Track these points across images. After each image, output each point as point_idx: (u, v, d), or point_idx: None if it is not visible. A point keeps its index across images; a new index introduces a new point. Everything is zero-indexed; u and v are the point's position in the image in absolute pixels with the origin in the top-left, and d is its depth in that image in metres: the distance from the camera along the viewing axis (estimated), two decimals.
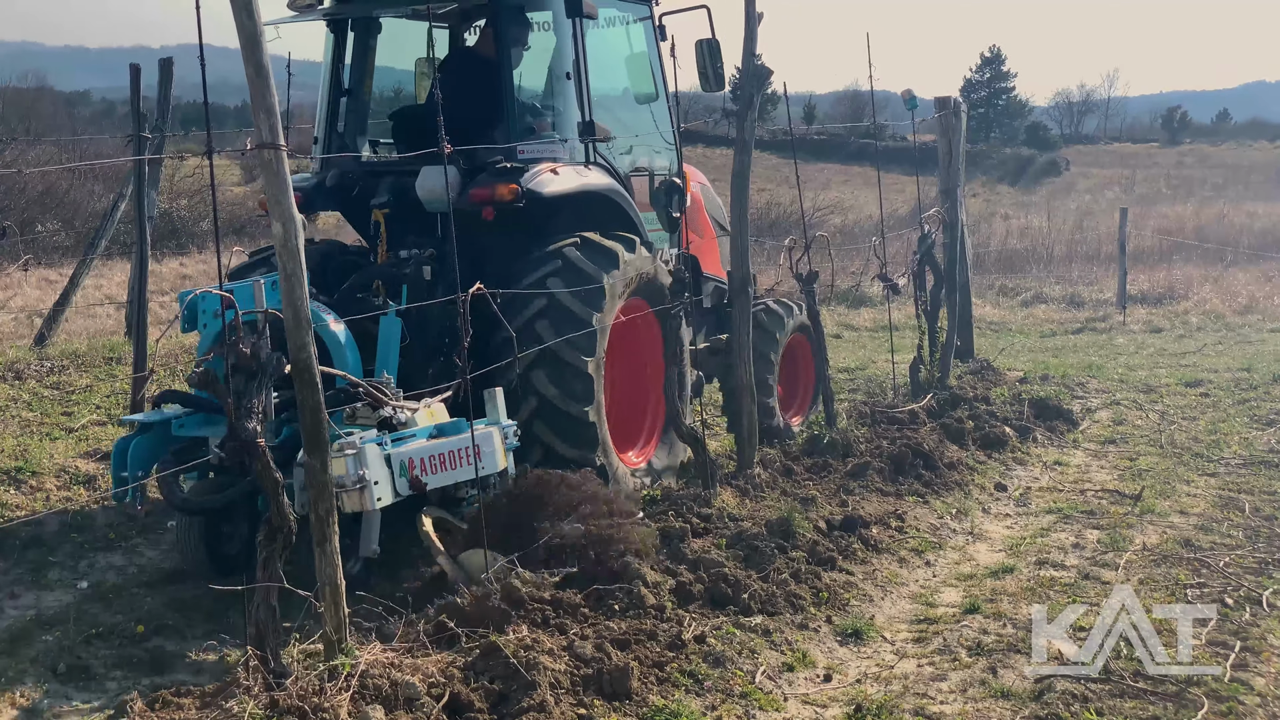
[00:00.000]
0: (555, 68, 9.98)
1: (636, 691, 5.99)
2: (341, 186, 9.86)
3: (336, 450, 6.68)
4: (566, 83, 9.82)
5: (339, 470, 6.70)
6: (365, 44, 10.40)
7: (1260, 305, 23.18)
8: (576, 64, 9.81)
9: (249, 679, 5.49)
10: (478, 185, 9.06)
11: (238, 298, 6.37)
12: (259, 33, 5.22)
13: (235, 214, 36.00)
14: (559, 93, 9.94)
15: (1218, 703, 6.17)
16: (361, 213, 9.74)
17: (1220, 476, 10.84)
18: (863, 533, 8.69)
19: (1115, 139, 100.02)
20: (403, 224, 9.49)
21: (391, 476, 7.13)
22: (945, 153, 15.33)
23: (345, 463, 6.81)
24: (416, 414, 7.60)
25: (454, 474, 7.50)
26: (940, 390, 13.13)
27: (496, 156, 9.25)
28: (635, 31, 11.02)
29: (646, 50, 11.03)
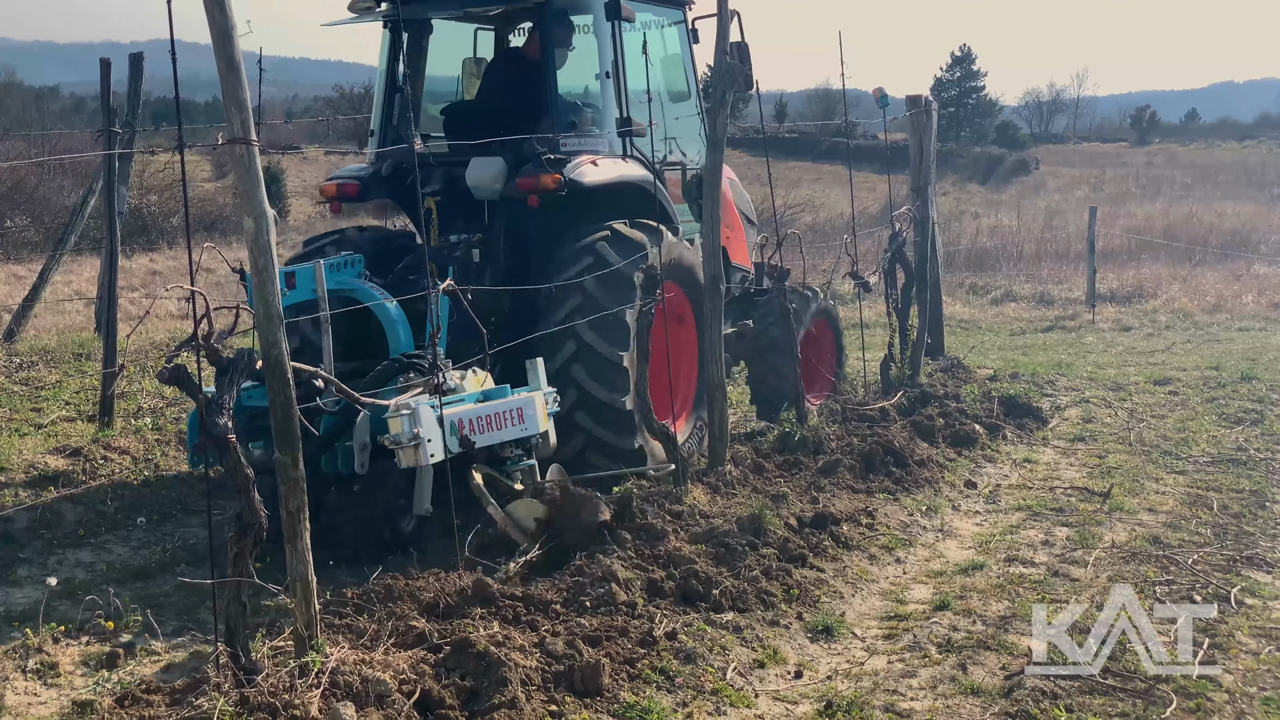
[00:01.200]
0: (595, 67, 10.68)
1: (608, 688, 6.00)
2: (395, 176, 10.47)
3: (393, 411, 7.55)
4: (606, 81, 10.55)
5: (395, 429, 7.56)
6: (418, 44, 11.09)
7: (1228, 304, 23.29)
8: (615, 64, 10.52)
9: (219, 676, 5.48)
10: (524, 175, 9.74)
11: (299, 279, 8.35)
12: (230, 27, 5.19)
13: (206, 210, 35.92)
14: (598, 91, 10.70)
15: (1187, 699, 6.20)
16: (413, 200, 10.00)
17: (1189, 474, 10.90)
18: (834, 530, 8.71)
19: (1085, 138, 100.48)
20: (452, 211, 10.29)
21: (443, 435, 7.75)
22: (916, 151, 15.36)
23: (401, 422, 7.56)
24: (465, 381, 8.41)
25: (500, 434, 8.20)
26: (911, 388, 13.17)
27: (541, 149, 9.89)
28: (669, 34, 11.81)
29: (680, 52, 11.89)
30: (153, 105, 32.92)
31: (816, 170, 58.25)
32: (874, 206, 35.10)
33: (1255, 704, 6.20)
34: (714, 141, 9.75)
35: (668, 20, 11.76)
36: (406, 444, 7.58)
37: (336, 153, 57.56)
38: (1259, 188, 53.34)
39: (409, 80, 10.87)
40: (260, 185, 5.41)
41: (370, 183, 10.49)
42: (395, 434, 7.60)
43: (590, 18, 10.68)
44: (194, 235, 25.41)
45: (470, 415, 8.01)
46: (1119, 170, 68.15)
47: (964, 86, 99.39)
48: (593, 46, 10.71)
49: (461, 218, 10.29)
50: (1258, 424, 12.73)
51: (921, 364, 14.13)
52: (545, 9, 10.41)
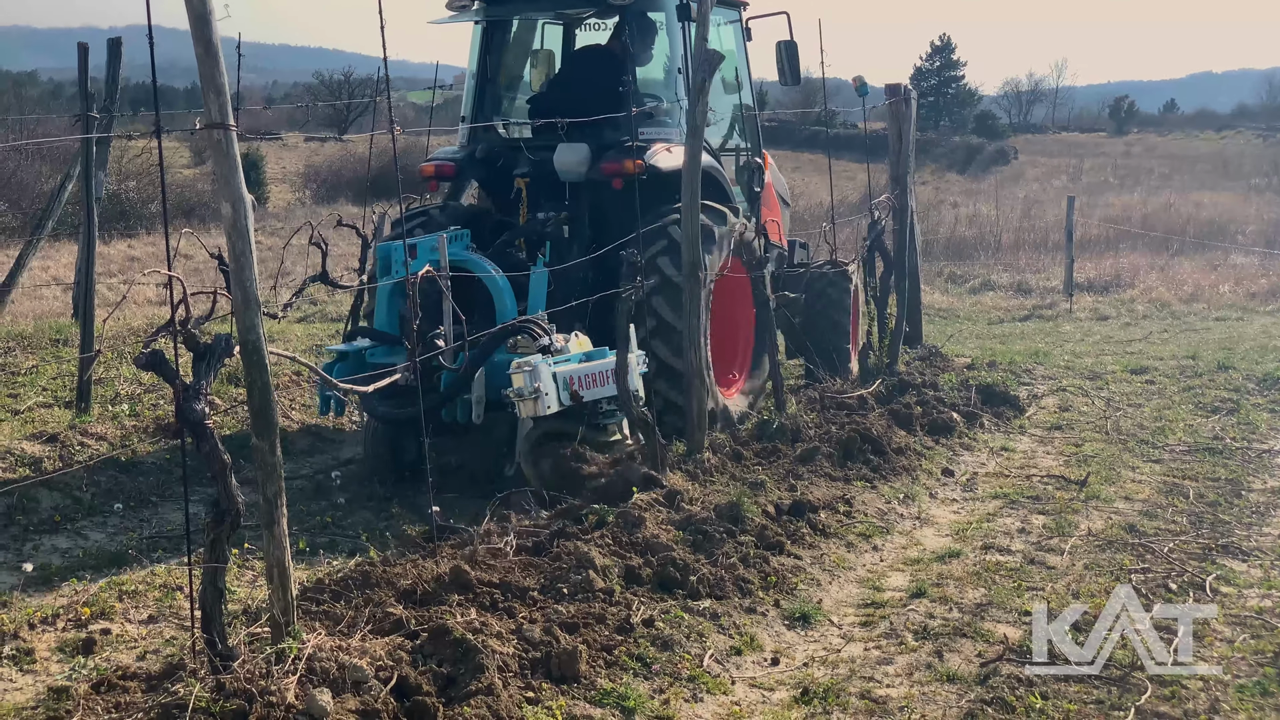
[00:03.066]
0: (668, 63, 11.87)
1: (585, 674, 6.01)
2: (487, 159, 11.67)
3: (515, 368, 8.93)
4: (677, 76, 11.58)
5: (518, 383, 8.91)
6: (504, 39, 12.30)
7: (1205, 293, 23.36)
8: (685, 60, 11.30)
9: (195, 662, 5.47)
10: (608, 160, 10.88)
11: (420, 250, 9.63)
12: (208, 11, 5.17)
13: (185, 195, 35.77)
14: (670, 84, 11.86)
15: (1161, 686, 6.23)
16: (500, 181, 11.69)
17: (1165, 463, 10.94)
18: (811, 517, 8.73)
19: (1063, 128, 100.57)
20: (539, 191, 11.43)
21: (557, 390, 9.06)
22: (895, 140, 15.38)
23: (524, 377, 8.90)
24: (569, 343, 9.53)
25: (602, 390, 9.38)
26: (889, 376, 13.20)
27: (623, 136, 10.81)
28: (725, 32, 12.70)
29: (735, 48, 12.81)
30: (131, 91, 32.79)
31: (796, 159, 58.17)
32: (854, 195, 35.13)
33: (1230, 692, 6.23)
34: (693, 129, 9.74)
35: (724, 19, 12.61)
36: (528, 396, 8.90)
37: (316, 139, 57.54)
38: (1236, 178, 53.50)
39: (498, 71, 12.16)
40: (238, 170, 5.39)
41: (465, 164, 11.66)
42: (518, 388, 8.93)
43: (663, 16, 11.71)
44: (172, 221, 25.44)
45: (578, 373, 9.23)
46: (1097, 160, 68.25)
47: (943, 76, 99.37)
48: (665, 44, 11.85)
49: (547, 197, 11.39)
50: (1234, 413, 12.78)
51: (900, 352, 14.17)
52: (628, 11, 11.49)
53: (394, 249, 10.12)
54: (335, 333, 16.12)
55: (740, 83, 13.04)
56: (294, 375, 13.07)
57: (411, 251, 9.68)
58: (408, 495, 9.83)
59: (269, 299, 15.03)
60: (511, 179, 11.55)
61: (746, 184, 12.71)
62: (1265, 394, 13.72)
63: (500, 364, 9.38)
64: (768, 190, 13.27)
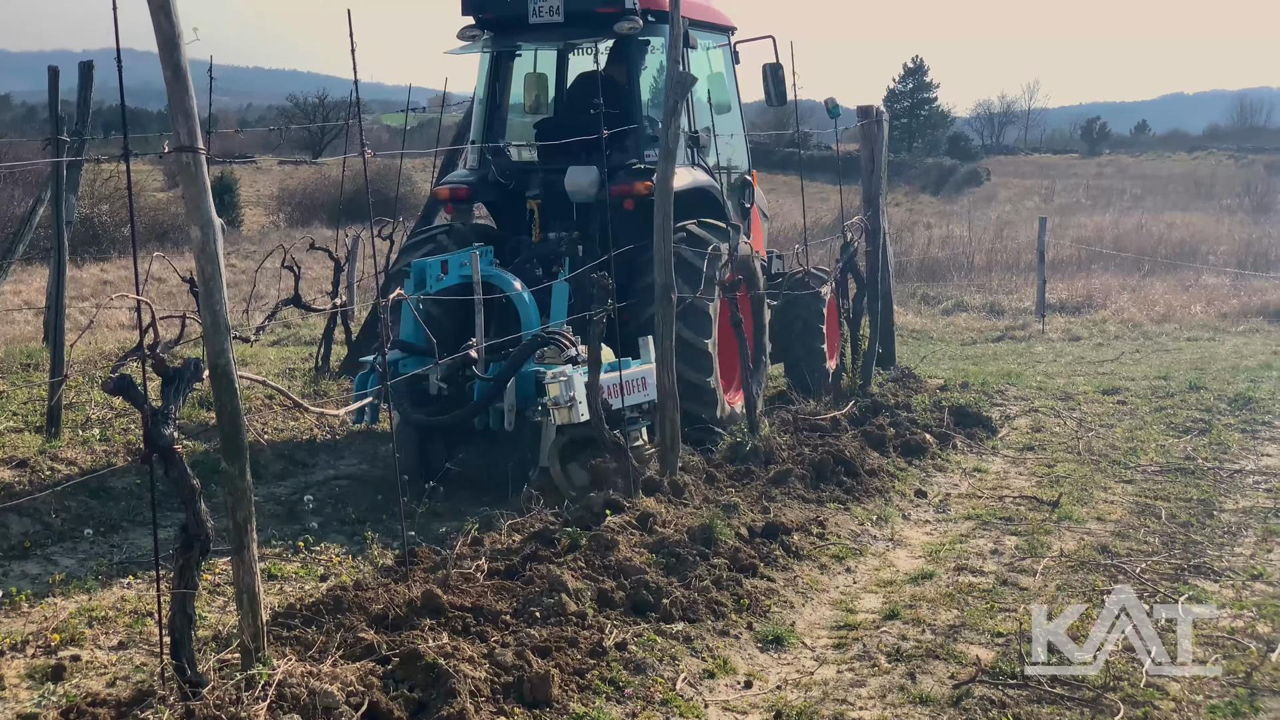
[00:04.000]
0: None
1: (557, 699, 5.99)
2: (499, 182, 12.24)
3: (552, 378, 9.54)
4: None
5: (554, 392, 9.50)
6: (508, 67, 12.98)
7: (1177, 314, 23.44)
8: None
9: (164, 688, 5.44)
10: (618, 183, 11.40)
11: (451, 265, 10.54)
12: (176, 34, 5.16)
13: (158, 219, 35.65)
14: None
15: (1134, 708, 6.24)
16: (510, 202, 12.27)
17: (1137, 483, 10.97)
18: (784, 539, 8.72)
19: (1035, 149, 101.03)
20: (550, 212, 12.00)
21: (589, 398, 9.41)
22: (868, 161, 15.41)
23: (559, 387, 9.49)
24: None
25: (629, 398, 10.07)
26: (862, 397, 13.21)
27: (630, 159, 11.69)
28: (715, 55, 13.56)
29: (724, 70, 13.68)
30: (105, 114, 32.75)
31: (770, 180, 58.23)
32: (828, 217, 35.20)
33: (1202, 712, 6.25)
34: (665, 152, 9.75)
35: (714, 43, 13.46)
36: (563, 405, 9.50)
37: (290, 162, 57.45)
38: (1208, 198, 53.73)
39: (504, 97, 12.87)
40: (207, 194, 5.38)
41: (478, 186, 12.30)
42: (554, 396, 9.51)
43: (663, 41, 12.15)
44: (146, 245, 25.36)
45: (608, 383, 9.65)
46: (1069, 181, 68.50)
47: (916, 98, 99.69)
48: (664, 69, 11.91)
49: (557, 217, 11.98)
50: (1205, 433, 12.83)
51: (873, 374, 14.19)
52: (630, 40, 12.12)
53: (428, 265, 10.79)
54: (308, 356, 16.08)
55: (730, 104, 13.69)
56: (266, 399, 13.03)
57: (443, 267, 10.64)
58: (381, 520, 9.80)
59: (241, 322, 15.00)
60: (521, 200, 12.12)
61: (738, 201, 13.42)
62: (1237, 414, 13.77)
63: (525, 374, 10.01)
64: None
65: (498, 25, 12.48)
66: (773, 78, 13.57)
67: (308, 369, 15.13)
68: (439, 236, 11.96)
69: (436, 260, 10.77)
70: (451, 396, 10.34)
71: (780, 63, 13.55)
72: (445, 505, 10.19)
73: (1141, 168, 79.84)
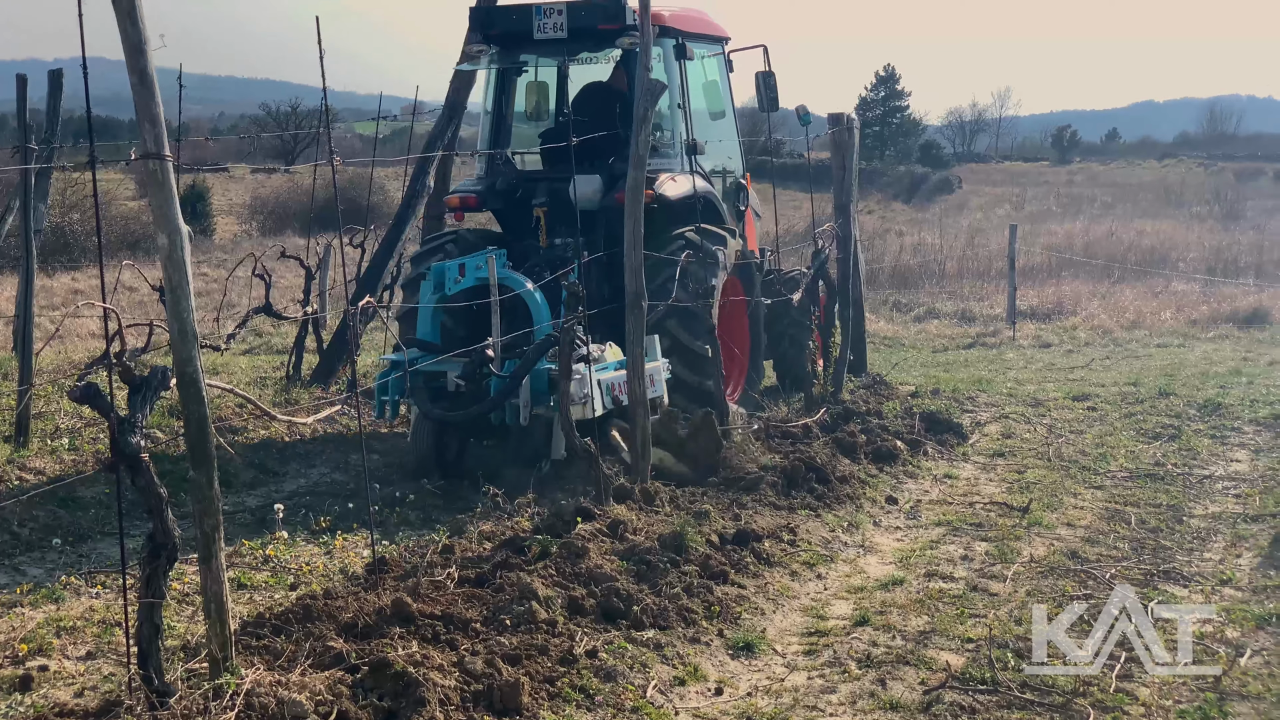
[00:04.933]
0: (668, 99, 12.85)
1: (527, 707, 5.97)
2: (506, 190, 12.87)
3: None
4: (676, 111, 13.12)
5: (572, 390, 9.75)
6: (512, 80, 13.69)
7: (1147, 320, 23.55)
8: (683, 96, 13.15)
9: (132, 698, 5.41)
10: (621, 190, 11.24)
11: (469, 269, 11.18)
12: (143, 41, 5.14)
13: (129, 228, 35.53)
14: (670, 117, 13.24)
15: (1103, 713, 6.26)
16: (516, 209, 12.87)
17: (1107, 489, 11.01)
18: (755, 546, 8.72)
19: (1006, 157, 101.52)
20: (556, 219, 12.56)
21: (601, 394, 10.45)
22: (839, 169, 15.45)
23: (574, 384, 9.80)
24: (604, 353, 11.02)
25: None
26: (834, 405, 13.23)
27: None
28: (710, 64, 14.25)
29: (719, 79, 14.40)
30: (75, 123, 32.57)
31: None
32: (800, 224, 35.21)
33: (1171, 717, 6.27)
34: (636, 159, 9.76)
35: (708, 53, 14.08)
36: (578, 401, 9.96)
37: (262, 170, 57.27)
38: (1178, 206, 54.04)
39: (509, 110, 13.62)
40: (174, 201, 5.36)
41: (486, 194, 12.90)
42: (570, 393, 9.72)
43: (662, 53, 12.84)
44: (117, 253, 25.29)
45: (618, 380, 10.53)
46: (1040, 189, 68.80)
47: (888, 106, 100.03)
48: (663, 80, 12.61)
49: (563, 224, 12.46)
50: (1175, 439, 12.88)
51: (844, 381, 14.21)
52: (630, 54, 12.53)
53: (447, 268, 11.37)
54: (280, 364, 16.04)
55: (725, 110, 14.54)
56: (237, 408, 12.99)
57: (460, 269, 11.27)
58: (352, 528, 9.80)
59: (212, 331, 14.95)
60: (527, 207, 12.71)
61: (733, 203, 14.19)
62: (1206, 420, 13.84)
63: (539, 371, 10.51)
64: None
65: (504, 41, 13.14)
66: (765, 85, 14.13)
67: (279, 377, 15.10)
68: (448, 245, 12.47)
69: (455, 263, 11.36)
70: (468, 393, 10.76)
71: (772, 70, 14.10)
72: (417, 514, 10.19)
73: (1112, 175, 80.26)
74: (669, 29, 13.05)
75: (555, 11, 12.50)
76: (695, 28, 13.67)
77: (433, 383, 10.94)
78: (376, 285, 15.15)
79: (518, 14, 12.78)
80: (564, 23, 12.44)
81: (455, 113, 15.61)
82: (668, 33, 13.04)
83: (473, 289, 11.11)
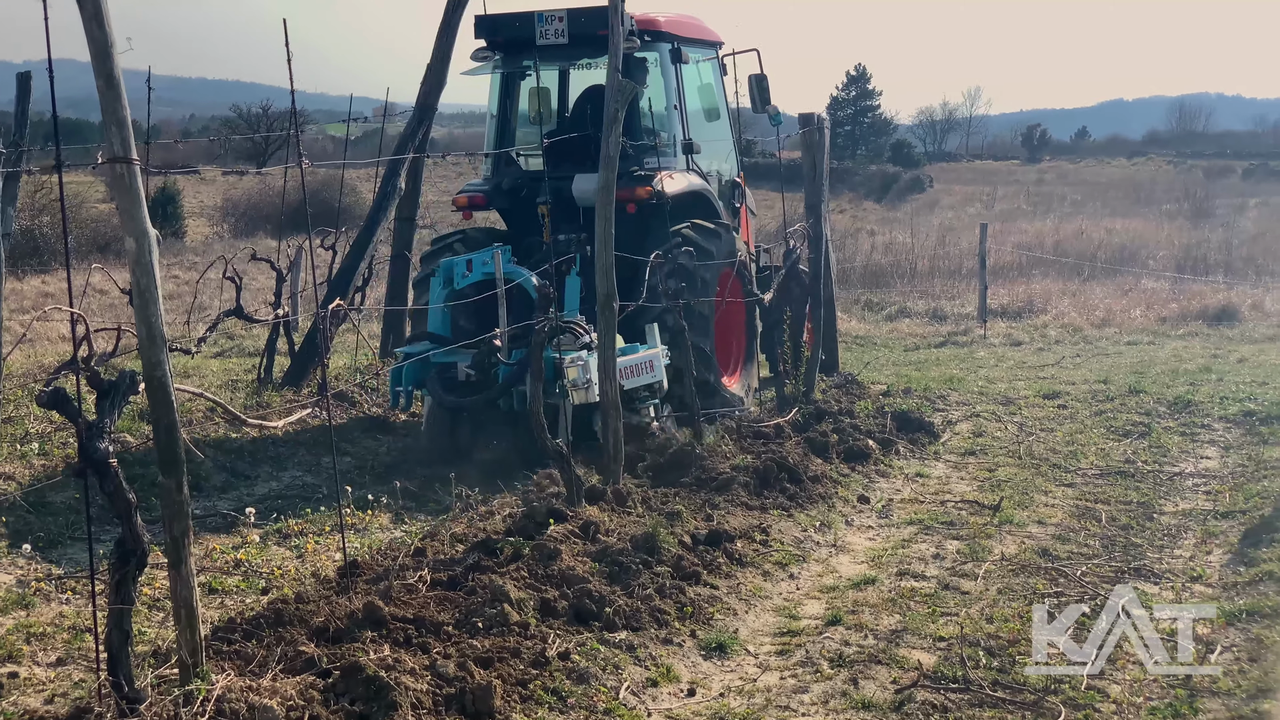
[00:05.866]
0: (664, 101, 13.76)
1: (499, 710, 5.97)
2: (512, 189, 13.46)
3: (570, 362, 10.56)
4: (673, 111, 13.73)
5: (573, 375, 10.53)
6: (517, 84, 14.23)
7: (1117, 318, 23.64)
8: (679, 98, 13.73)
9: (102, 705, 5.38)
10: (621, 188, 11.72)
11: (475, 264, 11.78)
12: (109, 43, 5.11)
13: (100, 230, 35.33)
14: (667, 119, 13.85)
15: (1075, 710, 6.28)
16: (521, 207, 13.41)
17: (1077, 487, 11.05)
18: (727, 547, 8.73)
19: (977, 156, 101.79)
20: (560, 216, 13.00)
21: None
22: (809, 169, 15.46)
23: (577, 370, 10.53)
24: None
25: (639, 379, 11.26)
26: (806, 404, 13.25)
27: (632, 167, 12.75)
28: (705, 68, 14.85)
29: (713, 81, 15.00)
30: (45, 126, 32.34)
31: None
32: (771, 224, 35.14)
33: (1142, 714, 6.29)
34: (606, 159, 9.75)
35: (703, 57, 14.72)
36: (581, 386, 10.50)
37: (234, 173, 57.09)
38: (1147, 204, 54.25)
39: (514, 113, 14.23)
40: (141, 204, 5.33)
41: (493, 194, 13.56)
42: (573, 379, 10.53)
43: (658, 58, 13.64)
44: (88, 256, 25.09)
45: (622, 365, 10.67)
46: (1011, 187, 69.03)
47: (859, 105, 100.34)
48: (661, 84, 13.68)
49: (566, 221, 13.07)
50: (1145, 436, 12.94)
51: (816, 380, 14.23)
52: (629, 58, 12.57)
53: (455, 264, 11.99)
54: (251, 367, 15.98)
55: (720, 112, 15.17)
56: (208, 411, 12.94)
57: (468, 265, 11.87)
58: (324, 531, 9.76)
59: (183, 334, 14.89)
60: (531, 205, 13.15)
61: (729, 201, 14.69)
62: (1176, 417, 13.90)
63: (545, 359, 10.47)
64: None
65: (508, 47, 13.79)
66: (758, 87, 14.74)
67: (250, 380, 15.04)
68: (455, 244, 13.18)
69: (463, 259, 11.99)
70: (478, 382, 11.45)
71: (764, 73, 14.69)
72: (389, 517, 10.17)
73: (1082, 174, 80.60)
74: (664, 34, 13.64)
75: (557, 18, 13.12)
76: (690, 33, 14.24)
77: (445, 373, 11.65)
78: (348, 287, 15.09)
79: (521, 21, 13.40)
80: (565, 29, 13.08)
81: (426, 114, 15.58)
82: (663, 37, 13.64)
83: (480, 283, 11.75)
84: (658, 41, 13.60)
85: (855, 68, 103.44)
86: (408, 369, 11.94)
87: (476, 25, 13.67)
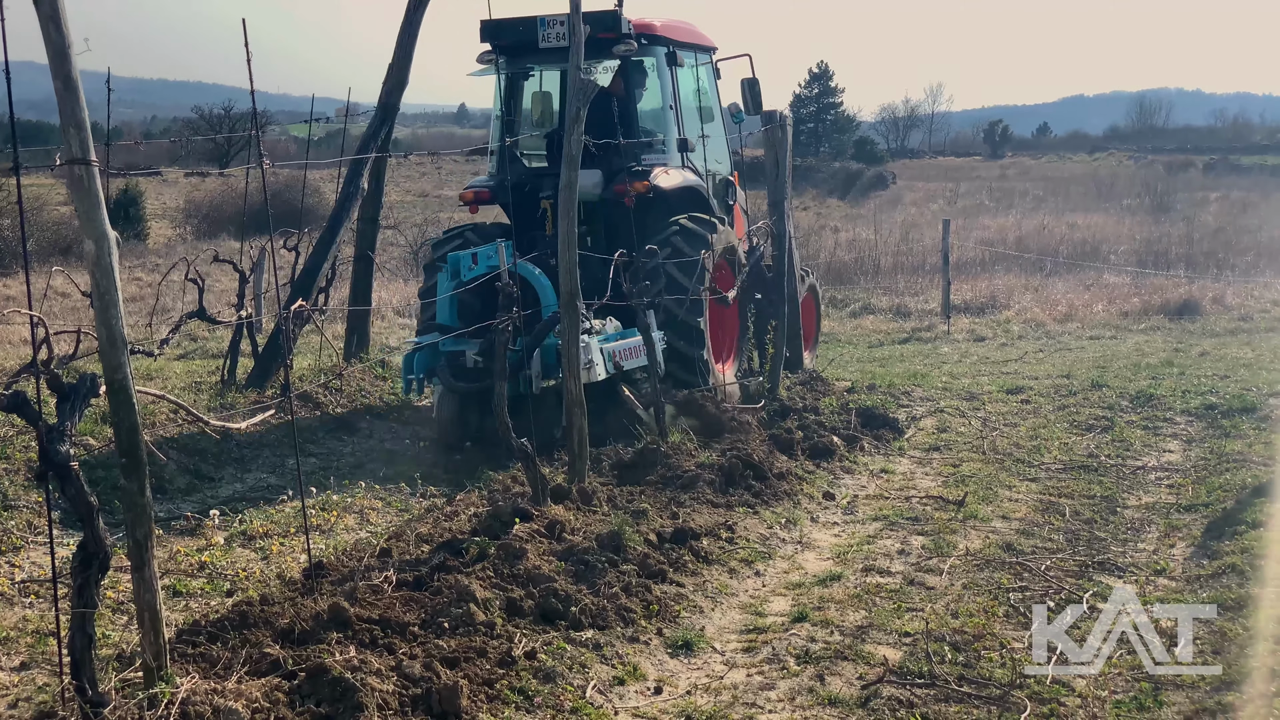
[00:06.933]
0: (660, 101, 14.53)
1: (466, 710, 5.96)
2: (515, 185, 13.54)
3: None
4: (669, 111, 14.43)
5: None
6: (520, 85, 14.94)
7: (1079, 313, 23.74)
8: (674, 98, 14.42)
9: (66, 709, 5.35)
10: (619, 183, 13.51)
11: (481, 257, 12.24)
12: (66, 45, 5.09)
13: (61, 233, 35.16)
14: (663, 118, 14.56)
15: (1040, 705, 6.30)
16: (524, 202, 13.72)
17: (1041, 481, 11.10)
18: (693, 544, 8.74)
19: (940, 153, 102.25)
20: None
21: (604, 361, 11.79)
22: (772, 166, 15.49)
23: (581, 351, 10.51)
24: (605, 326, 12.53)
25: (635, 361, 12.30)
26: (770, 401, 13.27)
27: (630, 163, 13.75)
28: (700, 72, 15.52)
29: (707, 84, 15.68)
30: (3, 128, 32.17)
31: None
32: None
33: (1107, 708, 6.32)
34: (569, 159, 9.75)
35: (698, 60, 15.43)
36: (585, 367, 10.74)
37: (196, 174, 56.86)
38: (1109, 199, 54.48)
39: (517, 112, 14.88)
40: (100, 207, 5.30)
41: (497, 190, 14.11)
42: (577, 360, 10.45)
43: (655, 61, 14.40)
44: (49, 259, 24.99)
45: (620, 348, 12.13)
46: (973, 183, 69.26)
47: (822, 103, 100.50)
48: (657, 84, 14.48)
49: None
50: (1108, 430, 13.00)
51: (780, 377, 14.25)
52: (626, 61, 14.07)
53: (461, 257, 12.48)
54: (215, 369, 15.90)
55: (714, 113, 15.77)
56: (171, 414, 12.87)
57: (474, 259, 12.32)
58: (289, 532, 9.73)
59: (146, 336, 14.82)
60: (534, 200, 13.90)
61: (722, 199, 15.41)
62: (1138, 411, 13.98)
63: (548, 345, 11.73)
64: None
65: (511, 50, 14.36)
66: (749, 90, 15.35)
67: (214, 382, 14.96)
68: (468, 234, 14.01)
69: (468, 253, 12.46)
70: (485, 368, 11.91)
71: (756, 77, 15.38)
72: (354, 518, 10.15)
73: (1043, 169, 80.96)
74: (660, 38, 14.31)
75: (558, 23, 13.65)
76: (684, 37, 14.97)
77: (453, 360, 12.32)
78: (311, 288, 15.03)
79: (523, 25, 13.91)
80: (566, 33, 13.12)
81: (388, 114, 15.53)
82: (659, 41, 14.31)
83: (485, 275, 12.00)
84: (654, 45, 14.27)
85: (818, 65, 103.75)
86: (418, 357, 12.60)
87: (481, 29, 14.12)
